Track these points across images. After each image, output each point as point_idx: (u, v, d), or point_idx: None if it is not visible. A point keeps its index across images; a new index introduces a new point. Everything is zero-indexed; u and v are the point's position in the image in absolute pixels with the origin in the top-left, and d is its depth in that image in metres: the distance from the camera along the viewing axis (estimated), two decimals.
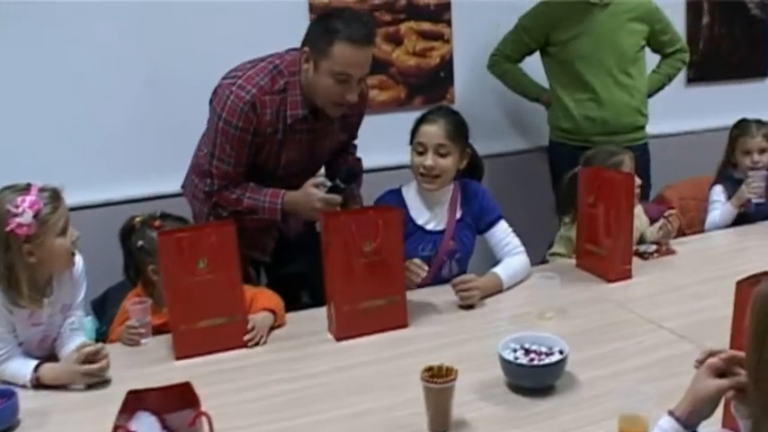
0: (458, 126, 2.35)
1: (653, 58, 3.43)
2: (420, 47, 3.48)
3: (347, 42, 2.21)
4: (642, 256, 2.61)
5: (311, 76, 2.28)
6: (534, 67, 3.40)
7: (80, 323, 2.07)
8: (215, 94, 2.33)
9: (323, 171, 2.58)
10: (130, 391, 1.49)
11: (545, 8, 3.27)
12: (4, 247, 1.84)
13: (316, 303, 2.29)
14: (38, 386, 1.83)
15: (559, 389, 1.71)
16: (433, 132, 2.31)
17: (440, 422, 1.57)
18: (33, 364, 1.85)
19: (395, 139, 2.47)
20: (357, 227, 2.02)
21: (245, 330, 2.03)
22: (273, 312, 2.14)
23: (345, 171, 2.43)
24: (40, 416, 1.72)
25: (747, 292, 1.19)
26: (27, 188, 1.87)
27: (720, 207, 2.97)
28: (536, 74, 3.41)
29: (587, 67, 3.21)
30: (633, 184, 2.44)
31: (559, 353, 1.73)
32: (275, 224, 2.47)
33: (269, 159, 2.40)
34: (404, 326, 2.11)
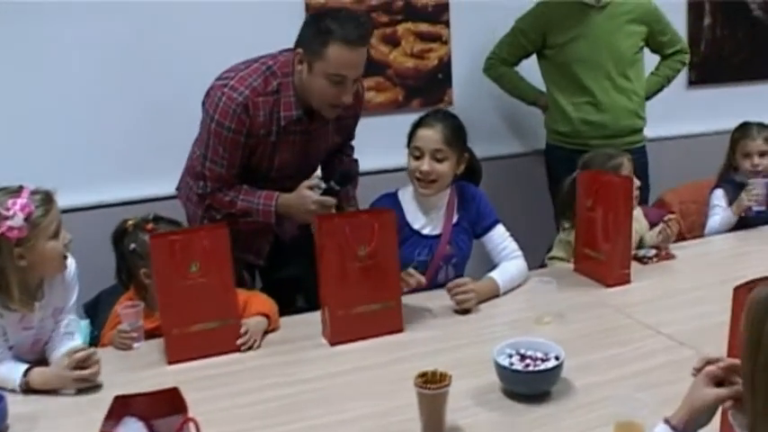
0: (456, 130, 2.34)
1: (652, 59, 3.43)
2: (418, 48, 3.47)
3: (341, 43, 2.20)
4: (641, 260, 2.61)
5: (305, 77, 2.28)
6: (531, 70, 3.40)
7: (74, 326, 2.07)
8: (207, 95, 2.33)
9: (319, 173, 2.58)
10: (117, 397, 1.50)
11: (541, 10, 3.27)
12: None
13: (311, 307, 2.28)
14: (27, 391, 1.83)
15: (555, 395, 1.71)
16: (430, 137, 2.30)
17: (433, 428, 1.57)
18: (23, 368, 1.85)
19: (392, 141, 2.46)
20: (351, 230, 2.02)
21: (238, 335, 2.03)
22: (267, 317, 2.14)
23: (339, 173, 2.43)
24: (30, 421, 1.72)
25: (745, 297, 1.18)
26: (19, 190, 1.87)
27: (721, 212, 2.97)
28: (532, 77, 3.41)
29: (585, 71, 3.21)
30: (632, 187, 2.44)
31: (555, 359, 1.73)
32: (270, 227, 2.47)
33: (262, 161, 2.40)
34: (399, 331, 2.11)
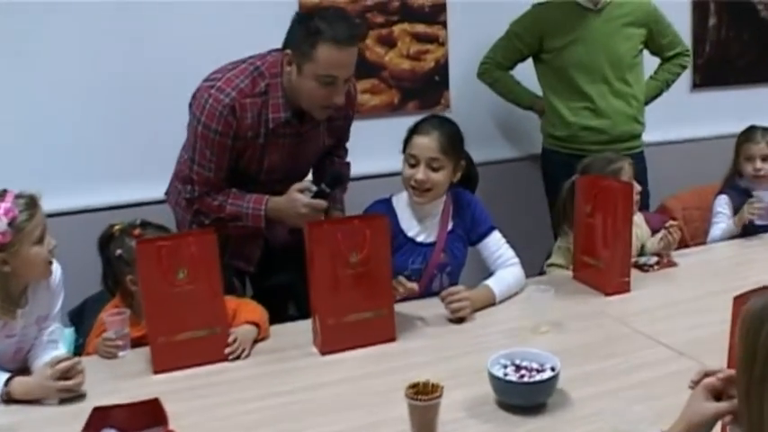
0: (453, 138, 2.32)
1: (652, 62, 3.42)
2: (414, 50, 3.48)
3: (331, 43, 2.20)
4: (642, 268, 2.61)
5: (294, 79, 2.28)
6: (525, 74, 3.40)
7: (57, 335, 2.07)
8: (194, 97, 2.34)
9: (310, 177, 2.58)
10: (96, 408, 1.50)
11: (537, 14, 3.27)
12: None
13: (302, 315, 2.28)
14: (8, 401, 1.82)
15: (551, 407, 1.71)
16: (426, 145, 2.29)
17: None
18: (4, 377, 1.84)
19: (387, 145, 2.46)
20: (343, 236, 2.02)
21: (226, 343, 2.03)
22: (257, 325, 2.14)
23: (330, 175, 2.43)
24: None
25: None
26: (2, 194, 1.87)
27: (725, 220, 2.97)
28: (528, 81, 3.41)
29: (582, 75, 3.21)
30: (632, 192, 2.44)
31: (551, 369, 1.73)
32: (260, 232, 2.47)
33: (251, 164, 2.40)
34: (391, 340, 2.11)
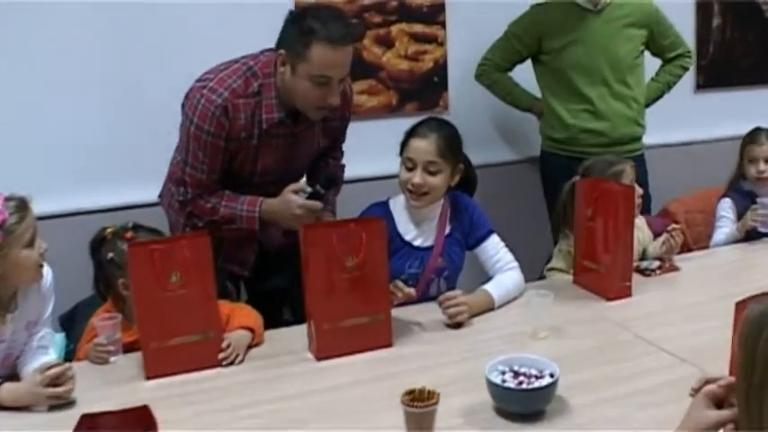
0: (450, 141, 2.33)
1: (653, 63, 3.43)
2: (412, 50, 3.48)
3: (325, 43, 2.21)
4: (644, 272, 2.62)
5: (288, 79, 2.29)
6: (524, 75, 3.41)
7: (48, 340, 2.07)
8: (187, 97, 2.34)
9: (305, 179, 2.58)
10: (84, 415, 1.50)
11: (536, 14, 3.28)
12: None
13: (298, 320, 2.28)
14: None
15: (550, 414, 1.71)
16: (424, 148, 2.29)
17: None
18: None
19: (384, 147, 2.46)
20: (339, 240, 2.03)
21: (219, 349, 2.03)
22: (251, 330, 2.14)
23: (325, 176, 2.44)
24: None
25: None
26: None
27: (728, 224, 2.98)
28: (526, 82, 3.42)
29: (582, 77, 3.22)
30: (633, 195, 2.44)
31: (550, 376, 1.73)
32: (255, 235, 2.47)
33: (244, 166, 2.41)
34: (388, 345, 2.11)
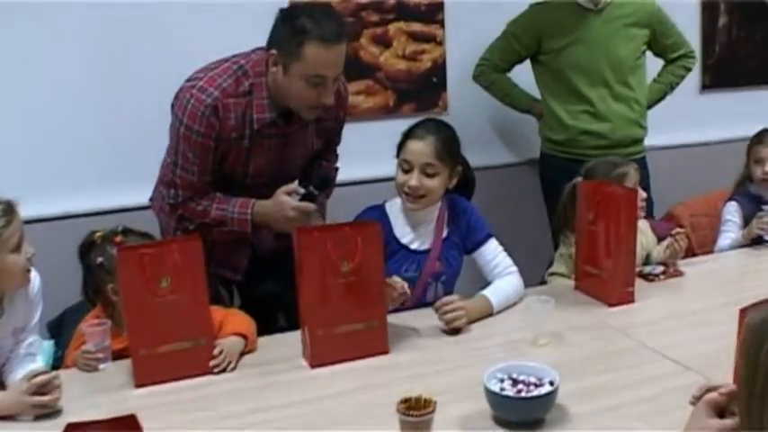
0: (448, 143, 2.33)
1: (655, 64, 3.43)
2: (410, 49, 3.49)
3: (319, 42, 2.21)
4: (647, 277, 2.62)
5: (281, 79, 2.29)
6: (523, 76, 3.41)
7: (35, 347, 2.07)
8: (176, 97, 2.34)
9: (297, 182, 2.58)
10: (69, 424, 1.50)
11: (535, 14, 3.29)
12: None
13: (293, 326, 2.27)
14: None
15: (549, 423, 1.71)
16: (421, 150, 2.30)
17: None
18: None
19: (381, 149, 2.45)
20: (333, 244, 2.03)
21: (211, 356, 2.03)
22: (244, 336, 2.14)
23: (318, 177, 2.44)
24: None
25: None
26: None
27: (733, 229, 2.98)
28: (525, 83, 3.42)
29: (582, 78, 3.23)
30: (636, 199, 2.44)
31: (550, 384, 1.74)
32: (247, 239, 2.48)
33: (236, 167, 2.41)
34: (384, 352, 2.11)
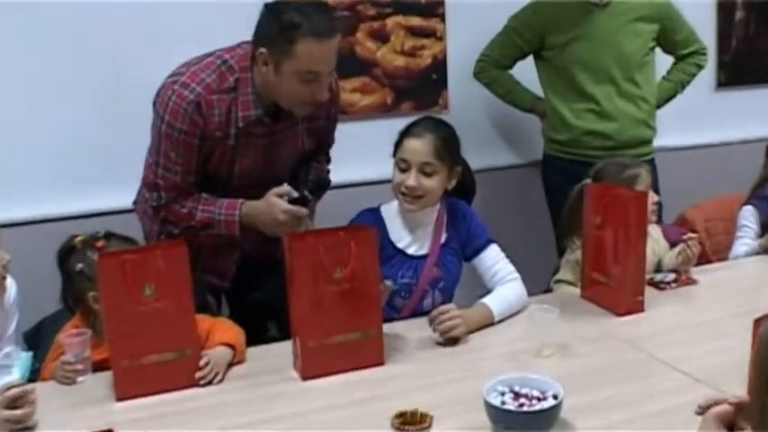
0: (447, 142, 2.34)
1: (665, 61, 3.42)
2: (409, 45, 3.49)
3: (311, 37, 2.21)
4: (658, 285, 2.61)
5: (272, 78, 2.29)
6: (525, 73, 3.41)
7: (11, 359, 2.06)
8: (158, 94, 2.34)
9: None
10: None
11: (538, 8, 3.29)
12: None
13: (284, 336, 2.26)
14: None
15: None
16: (419, 149, 2.30)
17: None
18: None
19: (378, 149, 2.45)
20: (326, 250, 2.02)
21: (197, 367, 2.02)
22: (232, 347, 2.13)
23: (315, 181, 2.44)
24: None
25: None
26: None
27: (749, 234, 2.97)
28: (528, 80, 3.42)
29: (587, 75, 3.23)
30: (646, 202, 2.43)
31: (553, 397, 1.73)
32: (235, 243, 2.47)
33: (221, 167, 2.41)
34: (379, 363, 2.10)
